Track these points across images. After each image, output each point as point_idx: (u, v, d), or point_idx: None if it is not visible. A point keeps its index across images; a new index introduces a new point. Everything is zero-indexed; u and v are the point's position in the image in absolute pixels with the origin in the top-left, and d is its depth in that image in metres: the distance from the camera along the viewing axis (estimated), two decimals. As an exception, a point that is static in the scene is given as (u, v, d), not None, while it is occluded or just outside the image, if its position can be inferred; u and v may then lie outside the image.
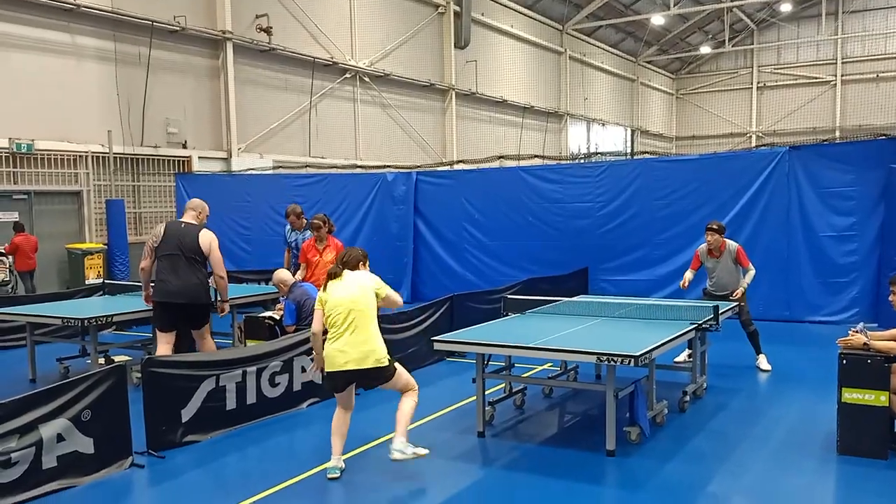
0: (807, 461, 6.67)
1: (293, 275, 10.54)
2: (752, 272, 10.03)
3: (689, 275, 10.09)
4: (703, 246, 10.16)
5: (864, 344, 6.69)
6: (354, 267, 6.59)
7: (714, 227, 10.03)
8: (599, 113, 38.33)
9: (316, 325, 6.54)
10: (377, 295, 6.45)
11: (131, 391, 6.96)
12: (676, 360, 9.90)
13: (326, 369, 6.40)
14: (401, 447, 6.25)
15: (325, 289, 6.48)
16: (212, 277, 8.82)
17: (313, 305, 9.61)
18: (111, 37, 17.28)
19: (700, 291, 10.45)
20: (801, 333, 12.62)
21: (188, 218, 8.81)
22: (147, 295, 9.06)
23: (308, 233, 11.79)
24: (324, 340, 6.45)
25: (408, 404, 6.42)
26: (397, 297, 6.72)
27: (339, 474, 6.43)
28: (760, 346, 10.14)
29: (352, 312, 6.29)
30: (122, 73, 17.49)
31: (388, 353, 6.41)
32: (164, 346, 8.59)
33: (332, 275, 6.48)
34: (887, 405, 6.55)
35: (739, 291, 9.85)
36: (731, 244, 10.06)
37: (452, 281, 16.32)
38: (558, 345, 7.01)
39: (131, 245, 17.68)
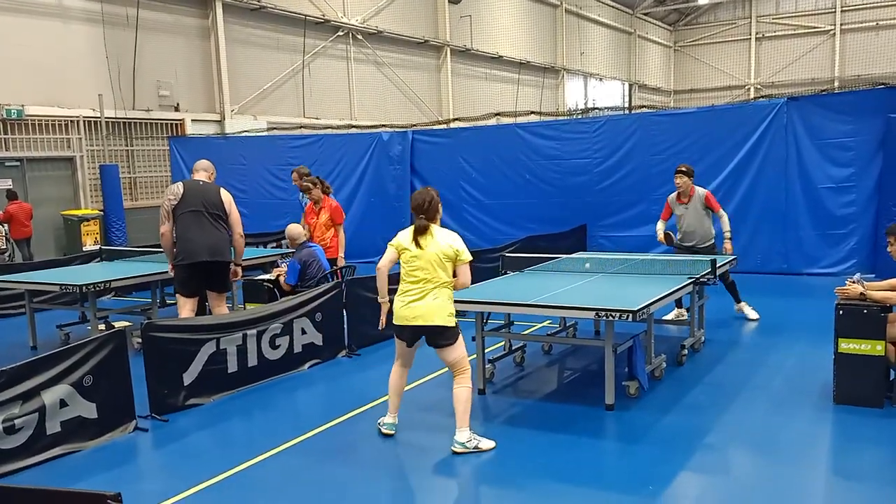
0: (804, 410, 6.73)
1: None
2: (726, 217, 10.02)
3: (660, 225, 10.12)
4: (673, 194, 10.15)
5: (861, 294, 6.71)
6: (435, 213, 6.28)
7: (683, 169, 9.99)
8: (596, 67, 38.08)
9: (384, 262, 6.32)
10: (458, 258, 6.17)
11: (132, 356, 6.98)
12: (666, 317, 9.90)
13: (395, 322, 6.28)
14: (463, 440, 6.07)
15: (413, 240, 6.19)
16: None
17: (318, 268, 9.66)
18: (98, -3, 17.12)
19: (672, 248, 10.40)
20: (799, 285, 12.65)
21: (202, 177, 8.62)
22: (170, 263, 8.57)
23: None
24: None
25: (462, 393, 6.16)
26: (468, 274, 6.27)
27: (394, 431, 6.48)
28: (739, 296, 10.20)
29: (429, 271, 6.11)
30: (110, 34, 17.33)
31: (452, 313, 6.20)
32: (189, 312, 8.42)
33: (420, 229, 6.17)
34: (883, 354, 6.59)
35: (729, 245, 9.85)
36: (700, 190, 10.04)
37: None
38: (557, 302, 7.03)
39: (127, 210, 17.66)
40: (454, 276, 6.23)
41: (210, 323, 7.88)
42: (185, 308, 8.43)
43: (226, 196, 8.59)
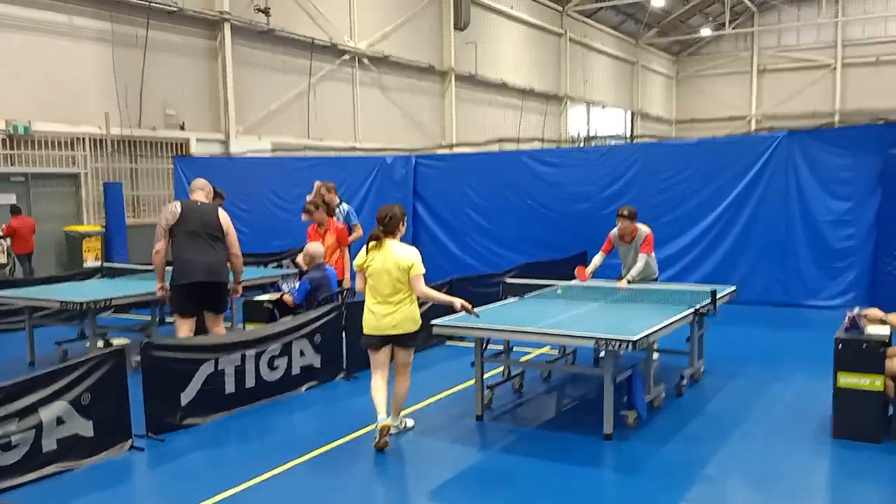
0: (802, 444, 6.71)
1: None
2: (641, 263, 9.68)
3: (597, 259, 9.93)
4: (615, 230, 9.97)
5: (881, 319, 6.73)
6: (395, 228, 6.69)
7: (624, 213, 9.76)
8: (599, 96, 38.25)
9: (359, 285, 6.85)
10: (410, 272, 6.57)
11: (130, 374, 6.96)
12: None
13: (365, 332, 6.72)
14: (397, 423, 6.82)
15: (366, 254, 6.66)
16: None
17: (326, 292, 9.57)
18: (108, 17, 17.22)
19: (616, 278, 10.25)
20: (798, 317, 12.64)
21: (199, 197, 8.57)
22: (162, 284, 8.60)
23: (338, 210, 11.52)
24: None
25: (405, 388, 6.93)
26: (430, 292, 6.78)
27: (394, 430, 6.89)
28: None
29: (386, 281, 6.59)
30: (119, 54, 17.43)
31: (419, 316, 6.82)
32: (187, 332, 8.38)
33: (372, 238, 6.64)
34: (882, 390, 6.58)
35: (622, 284, 9.47)
36: (643, 229, 9.86)
37: (452, 264, 16.31)
38: (557, 329, 7.03)
39: (129, 228, 17.69)
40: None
41: (209, 343, 7.87)
42: (183, 328, 8.39)
43: (223, 216, 8.58)
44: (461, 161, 17.33)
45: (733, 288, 9.52)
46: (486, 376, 7.78)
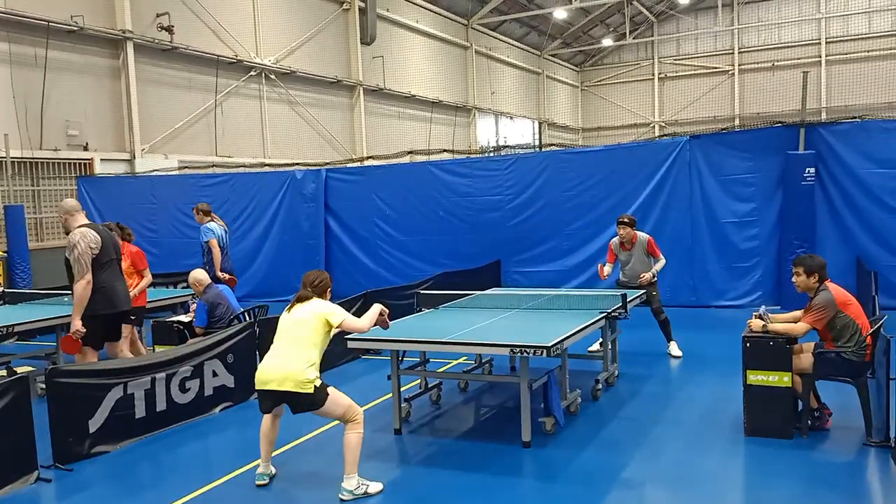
0: (717, 443, 6.85)
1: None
2: (663, 262, 10.24)
3: (607, 269, 10.21)
4: (616, 239, 10.31)
5: (763, 327, 6.91)
6: (323, 292, 6.35)
7: (625, 220, 10.19)
8: (507, 106, 38.61)
9: None
10: (328, 322, 6.06)
11: (35, 403, 6.73)
12: (590, 349, 10.04)
13: (256, 387, 6.15)
14: (350, 487, 5.95)
15: (288, 310, 6.26)
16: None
17: (226, 309, 9.51)
18: (5, 38, 16.64)
19: (614, 282, 10.59)
20: (707, 318, 12.94)
21: (85, 218, 8.10)
22: (79, 318, 7.72)
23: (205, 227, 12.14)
24: None
25: (352, 439, 6.02)
26: (358, 324, 6.27)
27: (267, 480, 6.32)
28: (671, 334, 10.34)
29: (288, 332, 6.08)
30: (18, 74, 16.87)
31: (308, 379, 5.91)
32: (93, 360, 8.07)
33: (301, 298, 6.23)
34: (790, 386, 6.76)
35: (647, 276, 10.04)
36: (642, 236, 10.25)
37: (365, 277, 16.25)
38: (472, 338, 7.04)
39: (32, 252, 17.09)
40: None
41: (117, 367, 7.64)
42: (94, 358, 8.12)
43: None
44: (372, 174, 17.28)
45: (643, 291, 9.70)
46: (402, 389, 7.75)
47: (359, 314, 10.93)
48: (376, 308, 6.51)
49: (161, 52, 20.12)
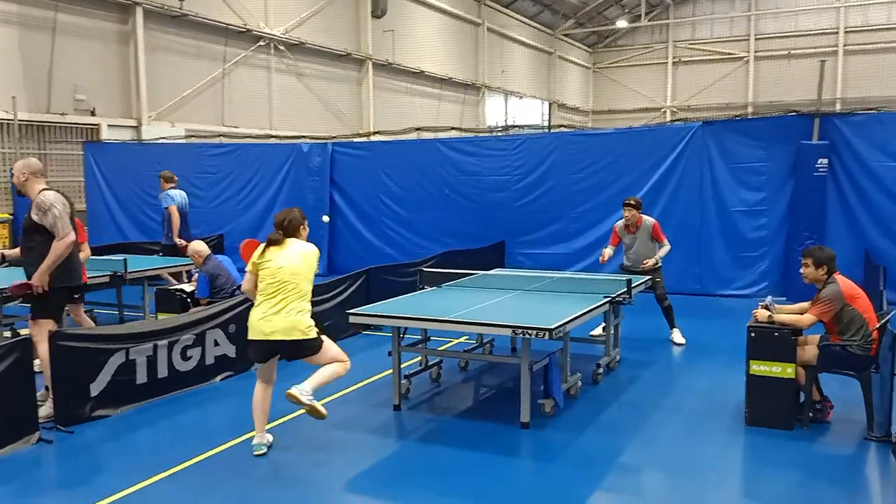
0: (716, 432, 6.82)
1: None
2: (668, 248, 10.17)
3: (608, 251, 10.13)
4: (621, 221, 10.26)
5: (770, 317, 6.86)
6: (295, 231, 6.29)
7: (631, 202, 10.14)
8: (517, 86, 38.42)
9: (247, 286, 6.42)
10: (314, 266, 6.27)
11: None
12: (592, 333, 10.00)
13: (250, 337, 6.20)
14: (302, 389, 6.05)
15: (262, 254, 6.20)
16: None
17: (227, 279, 9.51)
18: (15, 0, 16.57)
19: (617, 266, 10.55)
20: (712, 307, 12.90)
21: (45, 184, 7.40)
22: (47, 274, 7.20)
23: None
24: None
25: (332, 367, 6.25)
26: None
27: (265, 450, 6.32)
28: (675, 321, 10.30)
29: (289, 283, 6.10)
30: (26, 37, 16.79)
31: (311, 325, 6.20)
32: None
33: (273, 241, 6.17)
34: (793, 377, 6.73)
35: (651, 261, 9.98)
36: (648, 220, 10.19)
37: (369, 253, 16.22)
38: (474, 318, 7.01)
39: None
40: None
41: (120, 332, 7.65)
42: (48, 330, 7.15)
43: None
44: (379, 149, 17.21)
45: (648, 277, 9.65)
46: (403, 366, 7.75)
47: (362, 289, 10.97)
48: None
49: (170, 18, 20.00)
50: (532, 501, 5.49)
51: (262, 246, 6.27)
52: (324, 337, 6.28)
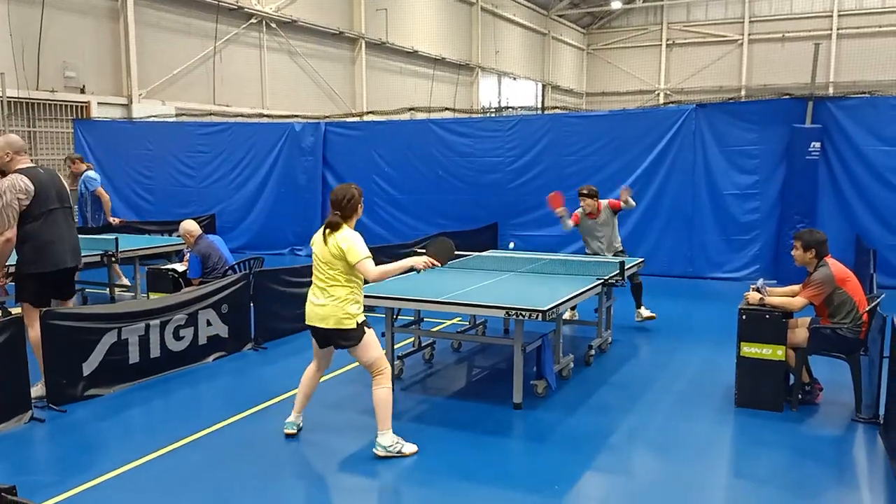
0: (706, 413, 6.87)
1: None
2: (633, 203, 10.11)
3: (570, 222, 10.15)
4: (580, 210, 10.17)
5: (761, 299, 6.90)
6: (353, 211, 6.10)
7: (584, 192, 10.06)
8: (511, 67, 38.30)
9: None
10: (347, 260, 5.83)
11: (29, 344, 6.72)
12: (565, 316, 9.96)
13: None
14: (385, 443, 5.87)
15: (323, 233, 6.01)
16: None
17: (219, 259, 9.49)
18: (3, -27, 16.44)
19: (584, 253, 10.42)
20: (703, 289, 12.94)
21: (28, 161, 7.12)
22: (5, 273, 7.11)
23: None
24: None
25: (380, 394, 5.91)
26: (372, 271, 5.87)
27: (294, 431, 6.26)
28: (641, 300, 10.28)
29: (322, 269, 5.94)
30: (15, 11, 16.65)
31: (350, 314, 5.86)
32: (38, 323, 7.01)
33: (330, 225, 5.97)
34: (783, 359, 6.77)
35: (626, 191, 9.97)
36: (603, 201, 10.10)
37: (361, 234, 16.17)
38: (467, 299, 7.02)
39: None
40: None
41: (112, 312, 7.66)
42: (38, 321, 6.98)
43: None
44: (372, 129, 17.16)
45: (641, 259, 9.68)
46: (396, 347, 7.75)
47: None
48: (414, 260, 6.16)
49: (161, -6, 19.87)
50: (524, 481, 5.52)
51: (321, 229, 6.07)
52: (370, 332, 5.96)
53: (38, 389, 6.91)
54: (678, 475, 5.64)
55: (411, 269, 6.15)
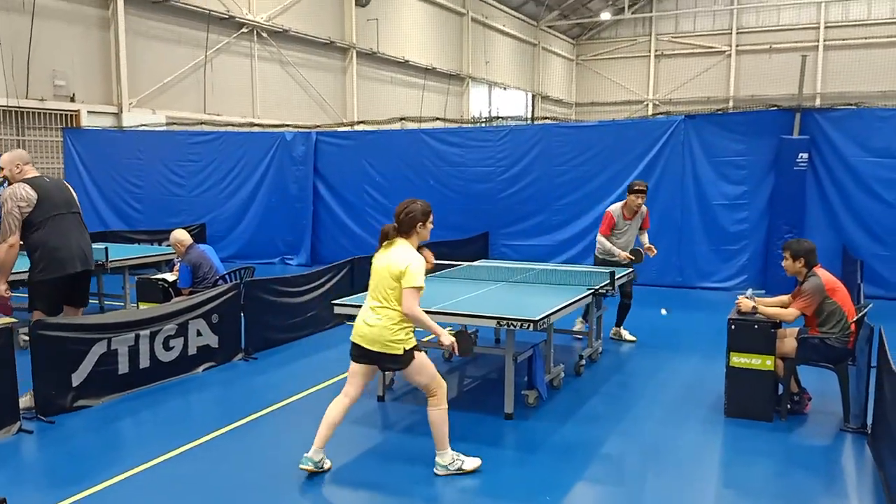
0: (696, 423, 6.90)
1: None
2: (646, 235, 10.13)
3: (607, 244, 9.73)
4: (618, 207, 9.78)
5: (753, 308, 6.94)
6: (411, 227, 5.79)
7: (645, 188, 9.72)
8: (501, 77, 38.41)
9: None
10: (401, 281, 5.53)
11: (18, 354, 6.68)
12: (573, 329, 9.99)
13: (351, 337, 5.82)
14: (444, 462, 5.76)
15: (380, 244, 5.80)
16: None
17: (210, 268, 9.48)
18: (-7, -19, 16.42)
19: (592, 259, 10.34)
20: (692, 299, 12.99)
21: (35, 171, 7.39)
22: (4, 282, 7.26)
23: None
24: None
25: (434, 416, 5.72)
26: (412, 303, 5.54)
27: (311, 467, 5.73)
28: (624, 319, 10.09)
29: (375, 287, 5.68)
30: (4, 20, 16.63)
31: (398, 339, 5.61)
32: None
33: (385, 234, 5.78)
34: (773, 369, 6.81)
35: (654, 249, 9.79)
36: (644, 206, 9.91)
37: (352, 243, 16.22)
38: (458, 309, 7.04)
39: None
40: None
41: (101, 322, 7.62)
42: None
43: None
44: (362, 139, 17.16)
45: (631, 269, 9.70)
46: (387, 357, 7.74)
47: (346, 279, 10.96)
48: (443, 333, 5.80)
49: (152, 3, 19.85)
50: (515, 492, 5.53)
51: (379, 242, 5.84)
52: (420, 355, 5.73)
53: (26, 400, 6.89)
54: (669, 485, 5.66)
55: (435, 336, 5.80)
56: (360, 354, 5.76)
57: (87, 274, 7.65)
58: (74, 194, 7.65)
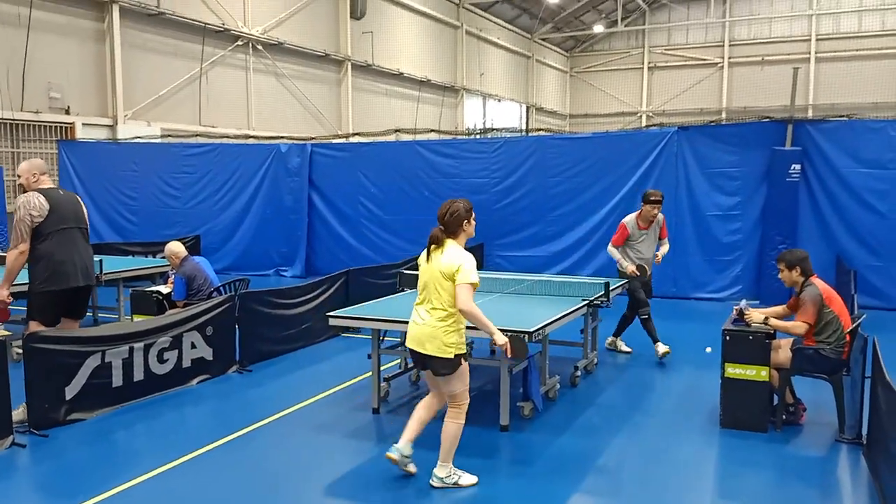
0: (691, 434, 6.90)
1: None
2: (667, 246, 9.93)
3: (623, 258, 9.61)
4: (632, 218, 9.67)
5: (766, 320, 6.96)
6: (457, 226, 5.75)
7: (660, 198, 9.58)
8: (495, 89, 38.52)
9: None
10: (454, 279, 5.55)
11: (11, 367, 6.64)
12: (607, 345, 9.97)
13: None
14: (441, 475, 5.79)
15: (426, 253, 5.77)
16: None
17: (204, 280, 9.46)
18: (-12, -6, 16.43)
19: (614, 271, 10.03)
20: (686, 309, 13.00)
21: (48, 182, 7.43)
22: (7, 288, 7.23)
23: None
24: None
25: (450, 428, 5.80)
26: (467, 298, 5.55)
27: (397, 456, 5.86)
28: (623, 331, 10.08)
29: (427, 290, 5.68)
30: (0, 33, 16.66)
31: (452, 343, 5.66)
32: None
33: (432, 239, 5.72)
34: (767, 380, 6.82)
35: (660, 257, 9.73)
36: (660, 214, 9.77)
37: (348, 255, 16.22)
38: (454, 321, 7.02)
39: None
40: None
41: (95, 335, 7.60)
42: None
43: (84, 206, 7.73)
44: (358, 150, 17.18)
45: (626, 280, 9.71)
46: (382, 368, 7.74)
47: (341, 291, 10.95)
48: (499, 333, 5.83)
49: (147, 16, 19.90)
50: (511, 504, 5.53)
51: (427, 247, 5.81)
52: (464, 367, 5.78)
53: (19, 413, 6.87)
54: (665, 496, 5.65)
55: (491, 335, 5.83)
56: (416, 360, 5.87)
57: (88, 289, 7.65)
58: (85, 210, 7.66)
